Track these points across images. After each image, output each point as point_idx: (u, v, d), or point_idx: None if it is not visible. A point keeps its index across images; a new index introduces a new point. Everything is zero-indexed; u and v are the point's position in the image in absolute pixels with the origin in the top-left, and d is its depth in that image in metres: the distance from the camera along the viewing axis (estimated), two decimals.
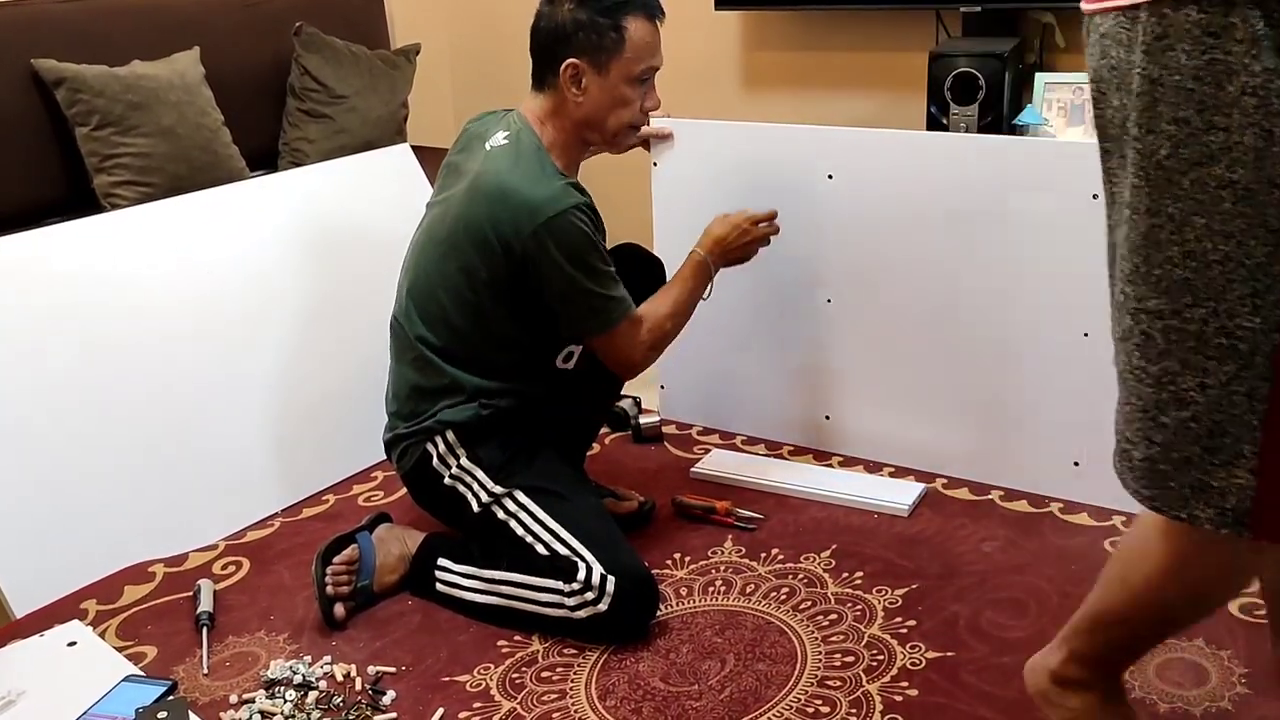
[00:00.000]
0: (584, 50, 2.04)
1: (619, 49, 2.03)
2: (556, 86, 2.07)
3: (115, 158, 2.86)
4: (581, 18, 2.03)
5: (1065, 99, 2.83)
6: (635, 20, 2.04)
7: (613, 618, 1.91)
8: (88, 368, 2.30)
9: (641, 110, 2.12)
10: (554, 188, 2.00)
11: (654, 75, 2.12)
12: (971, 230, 2.28)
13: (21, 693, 1.86)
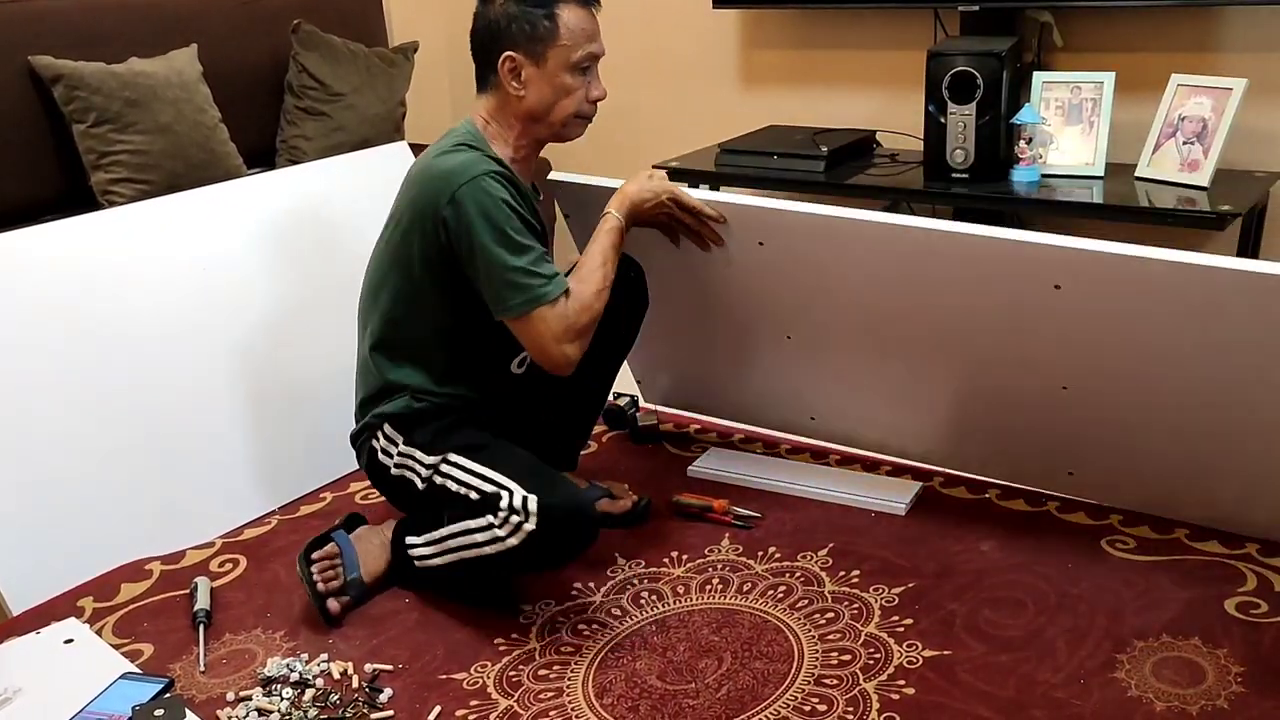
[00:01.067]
0: (518, 42, 2.02)
1: (553, 37, 2.01)
2: (497, 84, 2.05)
3: (112, 155, 2.86)
4: (513, 10, 2.01)
5: (1063, 98, 2.83)
6: (568, 7, 2.02)
7: (544, 535, 1.89)
8: (85, 365, 2.30)
9: (587, 100, 2.09)
10: (470, 156, 2.00)
11: (596, 63, 2.08)
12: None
13: (18, 690, 1.86)
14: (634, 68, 3.74)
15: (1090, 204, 2.69)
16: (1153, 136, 2.74)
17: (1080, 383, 2.07)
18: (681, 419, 2.81)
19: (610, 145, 3.84)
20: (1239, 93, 2.61)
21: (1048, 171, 2.82)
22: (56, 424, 2.24)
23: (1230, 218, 2.49)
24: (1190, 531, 2.20)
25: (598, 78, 2.10)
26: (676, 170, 3.19)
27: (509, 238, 1.96)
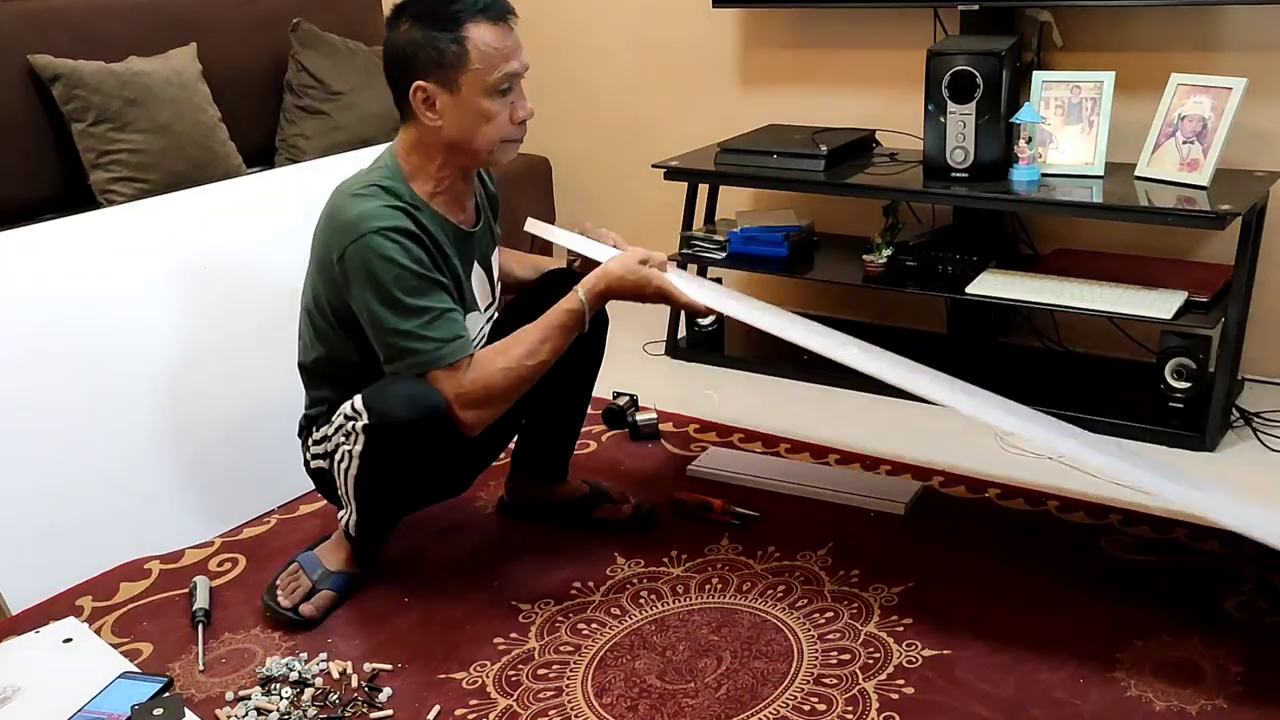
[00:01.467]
0: (428, 70, 1.87)
1: (464, 62, 1.86)
2: (413, 114, 1.92)
3: (111, 154, 2.86)
4: (417, 36, 1.87)
5: (1062, 97, 2.83)
6: (475, 27, 1.87)
7: (380, 426, 1.88)
8: (84, 364, 2.30)
9: (512, 122, 1.94)
10: (371, 206, 1.87)
11: (518, 81, 1.93)
12: None
13: (17, 689, 1.86)
14: (634, 67, 3.74)
15: (1090, 203, 2.69)
16: (1152, 136, 2.74)
17: None
18: (681, 418, 2.81)
19: (610, 145, 3.85)
20: (1239, 92, 2.61)
21: (1047, 171, 2.82)
22: (56, 423, 2.24)
23: (1230, 217, 2.49)
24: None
25: (522, 95, 1.95)
26: (677, 169, 3.19)
27: (396, 300, 1.85)
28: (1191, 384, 2.64)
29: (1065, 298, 2.70)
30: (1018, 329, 3.20)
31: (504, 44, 1.90)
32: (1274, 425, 2.68)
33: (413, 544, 2.29)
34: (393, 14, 1.92)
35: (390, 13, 1.93)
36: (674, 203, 3.31)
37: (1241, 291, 2.61)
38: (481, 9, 1.88)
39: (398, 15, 1.91)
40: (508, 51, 1.90)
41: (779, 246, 3.15)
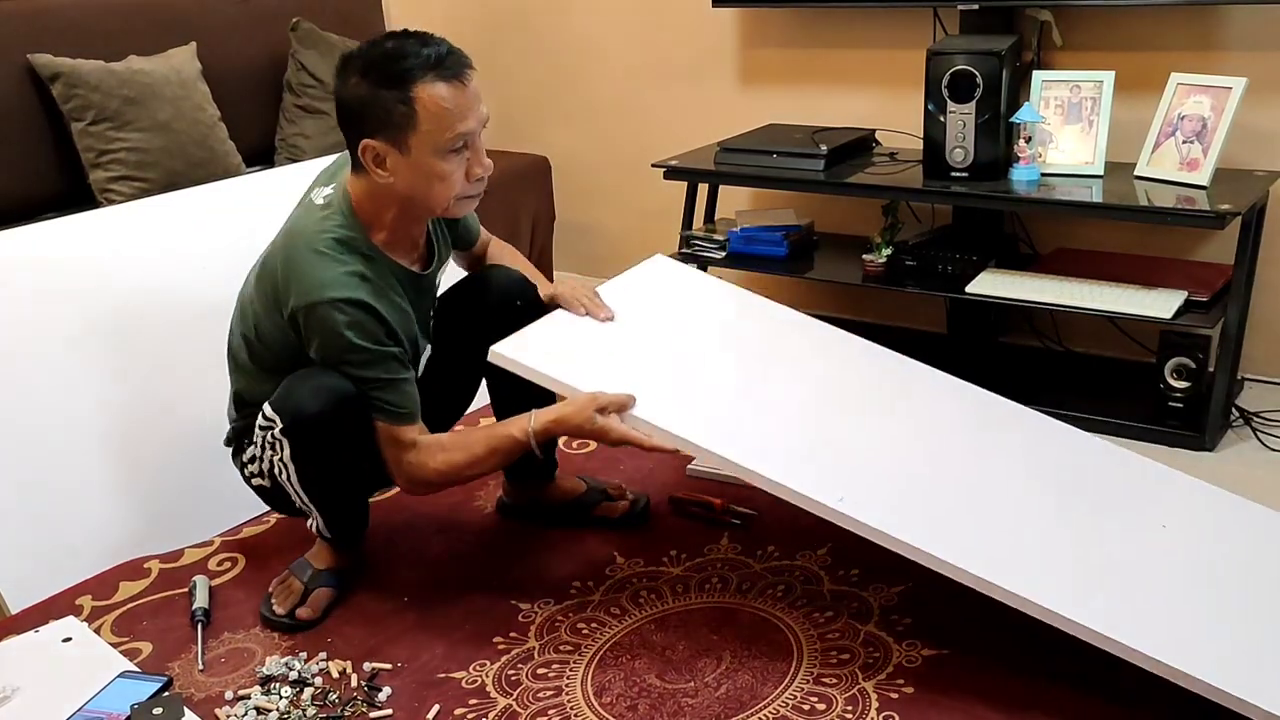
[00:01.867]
0: (376, 129, 1.80)
1: (412, 121, 1.78)
2: (364, 168, 1.86)
3: (111, 153, 2.86)
4: (364, 93, 1.79)
5: (1062, 97, 2.83)
6: (426, 87, 1.77)
7: (296, 426, 1.88)
8: (83, 363, 2.30)
9: (468, 179, 1.87)
10: (330, 274, 1.83)
11: (474, 138, 1.84)
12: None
13: (16, 689, 1.85)
14: (634, 66, 3.74)
15: (1090, 203, 2.69)
16: (1152, 135, 2.74)
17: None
18: None
19: (610, 144, 3.85)
20: (1238, 92, 2.61)
21: (1047, 170, 2.82)
22: (55, 422, 2.24)
23: (1230, 217, 2.49)
24: None
25: (479, 151, 1.86)
26: (676, 169, 3.18)
27: (346, 370, 1.86)
28: (1191, 384, 2.64)
29: (1065, 297, 2.70)
30: (1017, 328, 3.20)
31: (457, 103, 1.79)
32: (1274, 425, 2.68)
33: (412, 544, 2.29)
34: (341, 64, 1.85)
35: (339, 61, 1.86)
36: (674, 202, 3.31)
37: (1241, 291, 2.61)
38: (433, 66, 1.78)
39: (345, 67, 1.83)
40: (461, 110, 1.80)
41: (779, 246, 3.15)
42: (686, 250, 3.25)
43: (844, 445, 1.95)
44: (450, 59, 1.80)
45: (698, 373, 2.07)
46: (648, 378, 1.96)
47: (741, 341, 2.23)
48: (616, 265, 3.95)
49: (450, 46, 1.83)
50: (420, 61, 1.78)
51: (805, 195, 3.30)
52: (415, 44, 1.81)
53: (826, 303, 3.51)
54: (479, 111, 1.84)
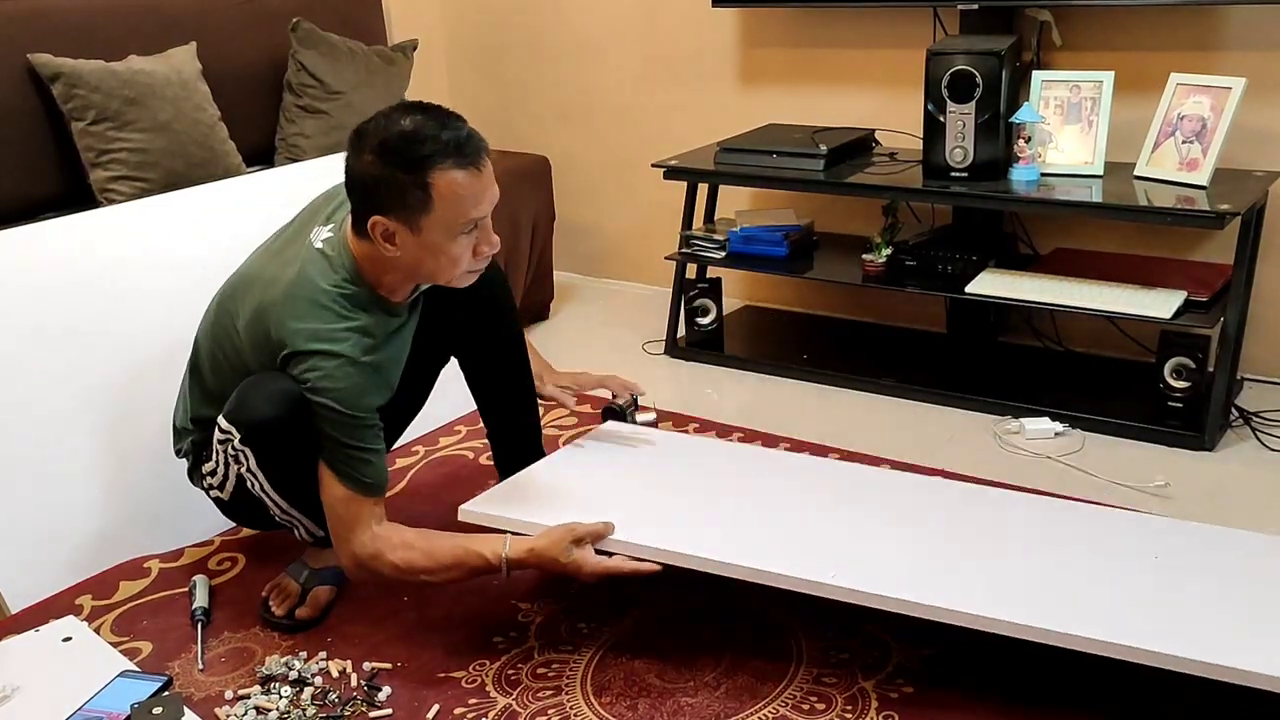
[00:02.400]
0: (389, 208, 1.78)
1: (427, 208, 1.76)
2: (371, 238, 1.83)
3: (111, 153, 2.86)
4: (379, 173, 1.76)
5: (1062, 97, 2.83)
6: (444, 174, 1.75)
7: (253, 434, 1.87)
8: (83, 362, 2.30)
9: (475, 256, 1.86)
10: (333, 329, 1.82)
11: (483, 220, 1.84)
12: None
13: (16, 688, 1.85)
14: (633, 66, 3.74)
15: (1089, 203, 2.69)
16: (1152, 135, 2.74)
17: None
18: (681, 418, 2.81)
19: (610, 144, 3.85)
20: (1238, 92, 2.61)
21: (1047, 170, 2.82)
22: (55, 421, 2.24)
23: (1229, 217, 2.49)
24: None
25: (487, 230, 1.85)
26: (676, 169, 3.19)
27: (328, 426, 1.83)
28: (1191, 384, 2.64)
29: (1065, 297, 2.70)
30: (1017, 328, 3.20)
31: (473, 189, 1.78)
32: (1273, 425, 2.68)
33: None
34: (355, 138, 1.81)
35: (353, 135, 1.81)
36: (673, 202, 3.32)
37: (1240, 291, 2.61)
38: (451, 153, 1.76)
39: (360, 142, 1.79)
40: (476, 198, 1.79)
41: (778, 246, 3.15)
42: (686, 250, 3.26)
43: (824, 534, 1.96)
44: (468, 145, 1.78)
45: (669, 498, 2.09)
46: (621, 508, 1.95)
47: (706, 470, 2.25)
48: (616, 265, 3.98)
49: (469, 130, 1.80)
50: (439, 148, 1.75)
51: (805, 195, 3.30)
52: (434, 126, 1.77)
53: (826, 303, 3.52)
54: (491, 195, 1.83)
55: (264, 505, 1.98)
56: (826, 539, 1.94)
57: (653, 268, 3.71)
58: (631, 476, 2.18)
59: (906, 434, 2.72)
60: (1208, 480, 2.46)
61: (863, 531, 1.98)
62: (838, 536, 1.95)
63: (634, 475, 2.18)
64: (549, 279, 3.69)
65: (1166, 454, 2.57)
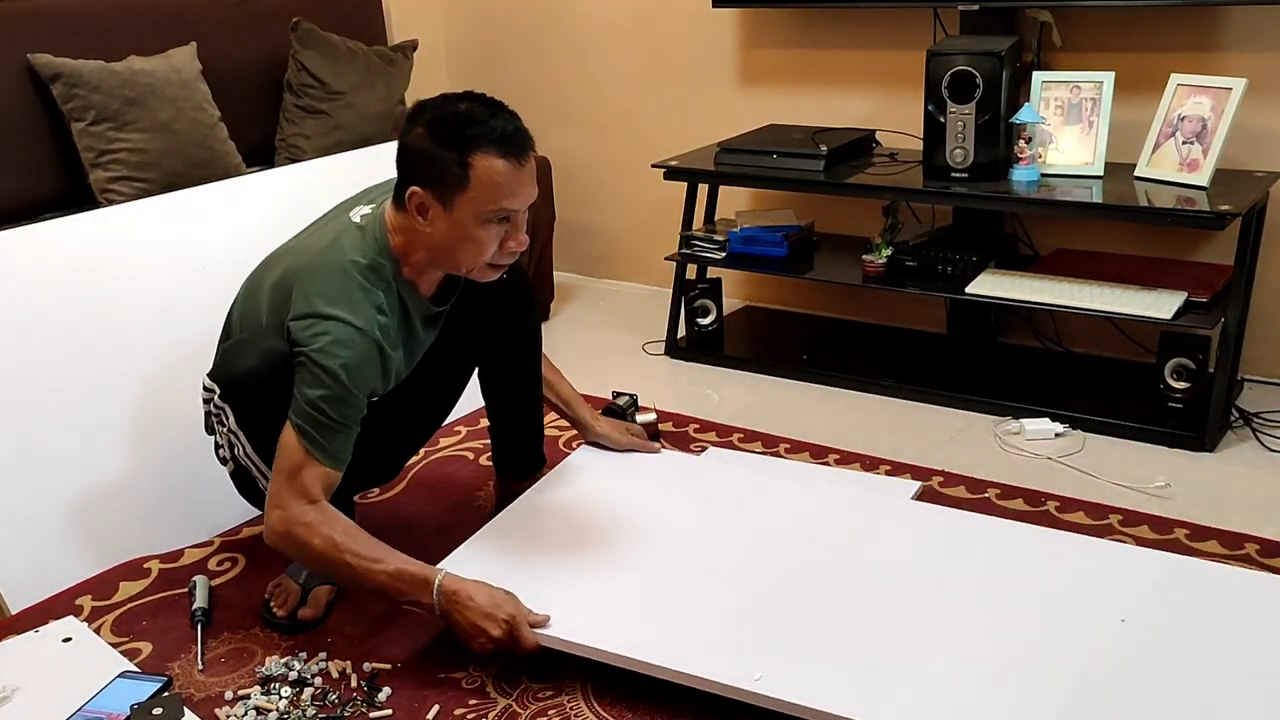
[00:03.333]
0: (427, 180, 1.83)
1: (463, 186, 1.81)
2: (406, 210, 1.88)
3: (111, 153, 2.86)
4: (426, 146, 1.82)
5: (1062, 97, 2.83)
6: (485, 158, 1.80)
7: (232, 388, 1.90)
8: (83, 363, 2.30)
9: (502, 251, 1.89)
10: (351, 296, 1.84)
11: (518, 215, 1.87)
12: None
13: (16, 688, 1.85)
14: (633, 67, 3.74)
15: (1089, 204, 2.69)
16: (1152, 136, 2.74)
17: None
18: (681, 418, 2.81)
19: (610, 144, 3.85)
20: (1238, 92, 2.61)
21: (1047, 171, 2.82)
22: (54, 422, 2.24)
23: (1229, 217, 2.49)
24: (1190, 532, 2.20)
25: (518, 228, 1.88)
26: (676, 169, 3.19)
27: (307, 387, 1.82)
28: (1191, 384, 2.64)
29: (1065, 298, 2.70)
30: (1017, 329, 3.20)
31: (510, 180, 1.82)
32: (1273, 425, 2.68)
33: (412, 544, 2.28)
34: (413, 111, 1.88)
35: (413, 108, 1.89)
36: (673, 202, 3.32)
37: (1241, 292, 2.61)
38: (496, 140, 1.81)
39: (416, 115, 1.87)
40: (512, 188, 1.83)
41: (778, 246, 3.15)
42: (686, 251, 3.26)
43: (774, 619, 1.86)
44: (515, 138, 1.83)
45: (624, 568, 2.02)
46: (564, 585, 1.94)
47: (676, 520, 2.16)
48: (616, 265, 3.98)
49: (519, 125, 1.85)
50: (486, 132, 1.81)
51: (805, 196, 3.30)
52: (487, 113, 1.83)
53: (826, 303, 3.52)
54: (529, 192, 1.86)
55: (253, 476, 1.99)
56: (774, 626, 1.83)
57: (653, 268, 3.71)
58: (589, 538, 2.10)
59: (907, 435, 2.72)
60: (1208, 481, 2.45)
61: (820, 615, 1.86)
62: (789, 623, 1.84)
63: (593, 535, 2.11)
64: (549, 279, 3.69)
65: (1167, 454, 2.57)
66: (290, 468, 1.83)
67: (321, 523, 1.82)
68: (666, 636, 1.83)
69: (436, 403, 2.23)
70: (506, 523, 2.16)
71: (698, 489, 2.29)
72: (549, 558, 2.05)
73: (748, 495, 2.26)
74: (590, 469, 2.35)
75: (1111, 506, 2.31)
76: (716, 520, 2.17)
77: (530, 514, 2.20)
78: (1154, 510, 2.30)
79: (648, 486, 2.28)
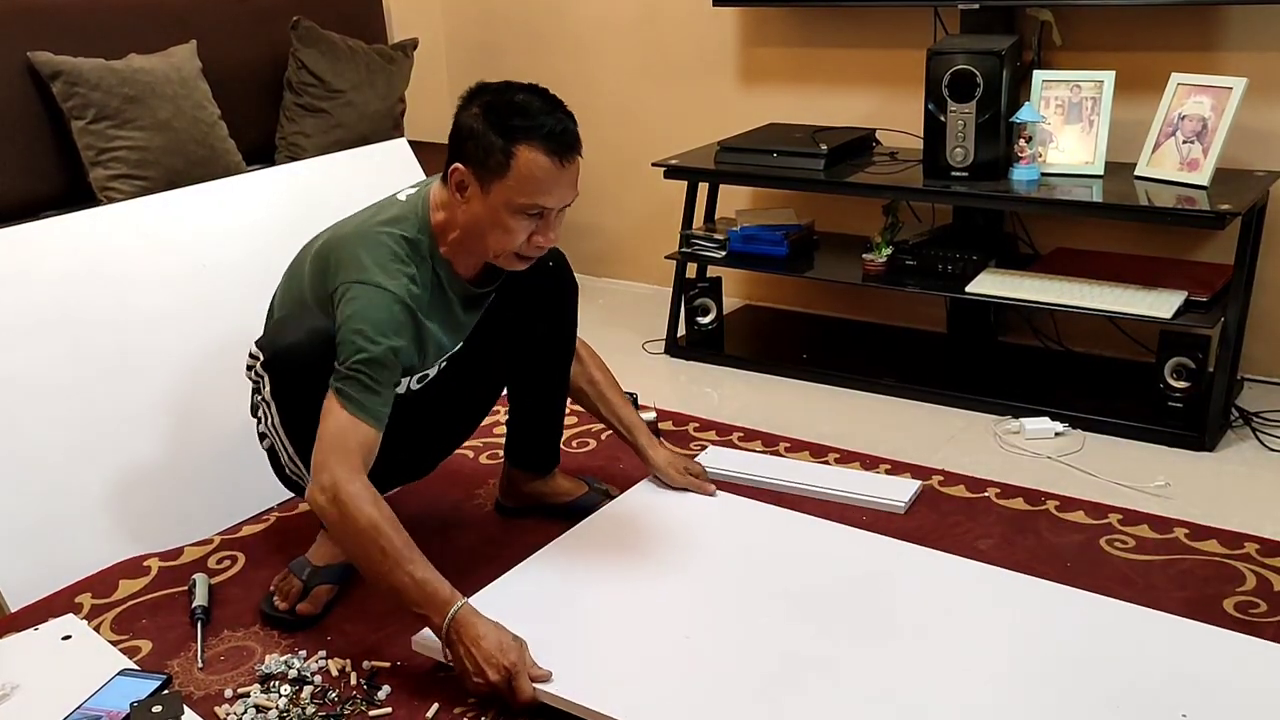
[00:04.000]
0: (471, 160, 1.85)
1: (502, 172, 1.83)
2: (449, 184, 1.91)
3: (111, 151, 2.85)
4: (477, 126, 1.84)
5: (1063, 97, 2.83)
6: (529, 150, 1.81)
7: (274, 361, 1.93)
8: (83, 361, 2.30)
9: (531, 244, 1.90)
10: (387, 265, 1.87)
11: (552, 214, 1.89)
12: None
13: (16, 686, 1.85)
14: (634, 65, 3.74)
15: (1090, 203, 2.69)
16: (1152, 135, 2.74)
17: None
18: (681, 417, 2.81)
19: (610, 143, 3.85)
20: (1239, 92, 2.61)
21: (1047, 170, 2.82)
22: (54, 420, 2.24)
23: (1230, 217, 2.49)
24: (1190, 531, 2.21)
25: (551, 225, 1.90)
26: (677, 168, 3.18)
27: (364, 336, 1.83)
28: (1191, 384, 2.64)
29: (1065, 297, 2.70)
30: (1017, 328, 3.20)
31: (549, 176, 1.84)
32: (1273, 425, 2.68)
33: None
34: (473, 91, 1.91)
35: (474, 87, 1.91)
36: (674, 201, 3.32)
37: (1241, 291, 2.61)
38: (544, 136, 1.82)
39: (474, 95, 1.90)
40: (550, 185, 1.85)
41: (779, 245, 3.15)
42: (687, 249, 3.26)
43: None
44: (564, 137, 1.84)
45: (644, 625, 1.93)
46: (587, 634, 1.90)
47: (710, 578, 2.07)
48: (616, 264, 3.98)
49: (570, 126, 1.86)
50: (536, 125, 1.82)
51: (805, 194, 3.30)
52: (542, 108, 1.85)
53: (826, 302, 3.52)
54: (567, 192, 1.89)
55: (276, 451, 2.02)
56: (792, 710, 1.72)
57: (653, 267, 3.71)
58: (618, 590, 2.03)
59: (906, 434, 2.72)
60: (1208, 480, 2.46)
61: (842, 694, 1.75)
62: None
63: (622, 587, 2.04)
64: None
65: (1167, 454, 2.57)
66: (334, 430, 1.81)
67: (368, 500, 1.78)
68: (672, 705, 1.73)
69: (478, 394, 2.23)
70: (545, 561, 2.11)
71: (739, 540, 2.18)
72: (574, 605, 1.98)
73: (789, 551, 2.15)
74: (642, 511, 2.28)
75: (1111, 506, 2.31)
76: (755, 580, 2.05)
77: (570, 553, 2.14)
78: (1154, 509, 2.30)
79: (692, 538, 2.18)
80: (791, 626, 1.91)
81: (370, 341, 1.83)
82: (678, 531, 2.21)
